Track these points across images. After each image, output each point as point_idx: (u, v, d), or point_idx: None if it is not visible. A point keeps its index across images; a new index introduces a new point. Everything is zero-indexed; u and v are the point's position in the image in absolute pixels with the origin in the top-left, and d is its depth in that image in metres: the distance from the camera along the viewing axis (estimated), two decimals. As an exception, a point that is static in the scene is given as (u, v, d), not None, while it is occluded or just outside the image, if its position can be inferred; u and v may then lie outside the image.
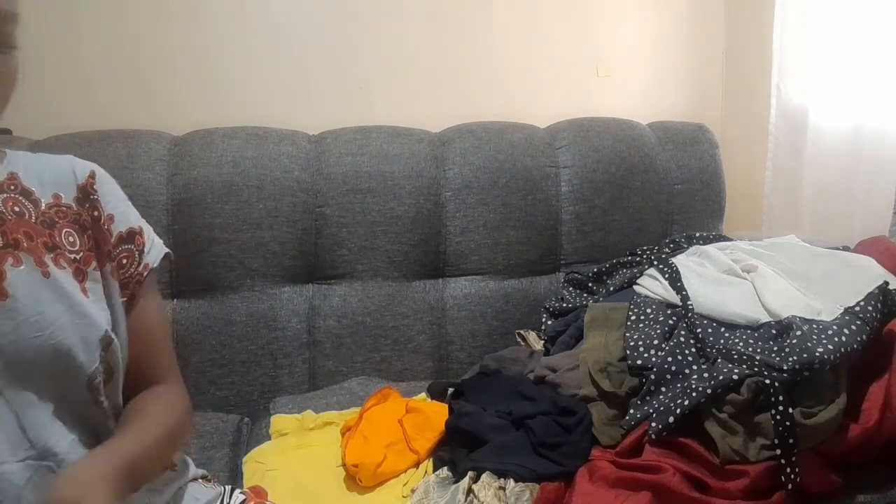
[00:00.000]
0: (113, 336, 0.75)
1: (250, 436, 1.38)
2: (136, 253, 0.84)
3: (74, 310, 0.72)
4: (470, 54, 1.85)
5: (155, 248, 0.87)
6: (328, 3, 1.76)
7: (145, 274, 0.84)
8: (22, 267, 0.70)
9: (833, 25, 1.65)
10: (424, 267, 1.63)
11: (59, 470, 0.69)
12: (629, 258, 1.64)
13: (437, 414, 1.25)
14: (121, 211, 0.83)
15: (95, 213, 0.80)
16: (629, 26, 2.02)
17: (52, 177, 0.79)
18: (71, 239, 0.77)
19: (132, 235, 0.84)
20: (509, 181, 1.66)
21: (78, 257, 0.77)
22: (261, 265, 1.51)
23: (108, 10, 1.62)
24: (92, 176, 0.81)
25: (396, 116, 1.71)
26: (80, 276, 0.76)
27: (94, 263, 0.78)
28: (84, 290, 0.75)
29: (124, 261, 0.82)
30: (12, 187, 0.75)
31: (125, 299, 0.81)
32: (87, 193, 0.80)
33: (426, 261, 1.63)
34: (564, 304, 1.57)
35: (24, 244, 0.72)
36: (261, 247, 1.51)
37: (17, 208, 0.74)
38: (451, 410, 1.25)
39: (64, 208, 0.78)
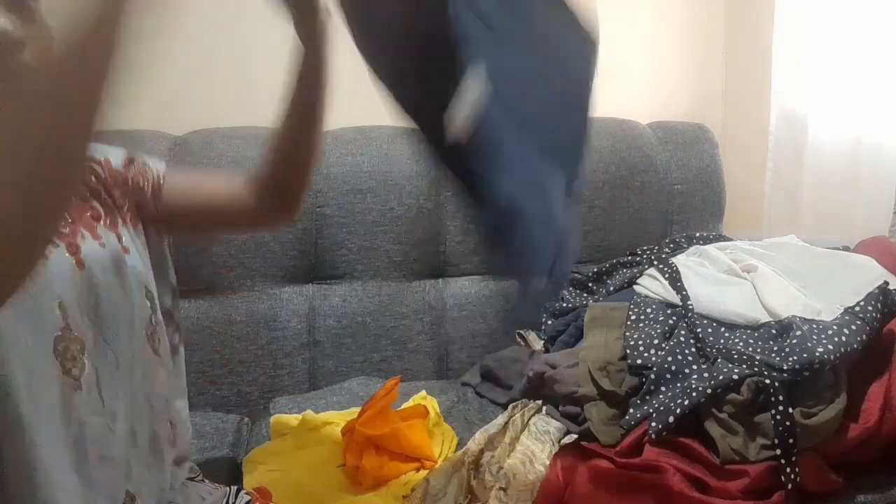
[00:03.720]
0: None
1: (250, 436, 1.38)
2: (143, 164, 0.88)
3: None
4: (470, 54, 1.85)
5: (154, 160, 0.91)
6: (328, 2, 1.75)
7: (162, 177, 0.90)
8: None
9: (832, 26, 1.65)
10: (424, 267, 1.63)
11: None
12: (629, 258, 1.64)
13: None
14: (108, 152, 0.85)
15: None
16: (629, 26, 2.02)
17: None
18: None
19: (131, 160, 0.87)
20: (509, 181, 1.66)
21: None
22: (261, 265, 1.51)
23: (108, 11, 1.61)
24: None
25: (397, 117, 1.70)
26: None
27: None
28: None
29: (140, 180, 0.86)
30: None
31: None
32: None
33: (426, 261, 1.62)
34: (564, 304, 1.57)
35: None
36: (261, 247, 1.51)
37: None
38: None
39: None
